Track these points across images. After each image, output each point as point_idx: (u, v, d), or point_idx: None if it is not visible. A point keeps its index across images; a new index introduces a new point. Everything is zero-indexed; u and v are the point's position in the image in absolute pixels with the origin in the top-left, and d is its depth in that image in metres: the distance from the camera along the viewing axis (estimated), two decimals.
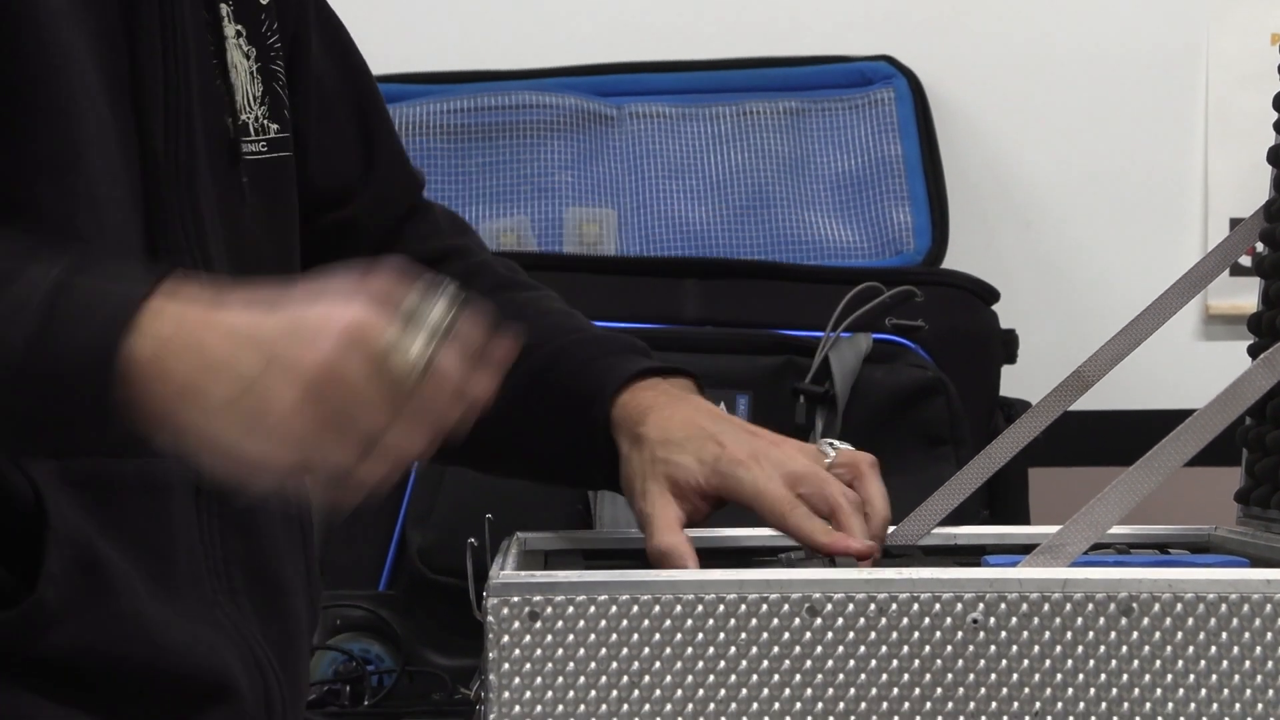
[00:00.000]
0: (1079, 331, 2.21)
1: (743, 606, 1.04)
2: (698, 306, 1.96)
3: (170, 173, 1.16)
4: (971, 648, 1.03)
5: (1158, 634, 1.03)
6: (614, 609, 1.04)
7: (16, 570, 1.09)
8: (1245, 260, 1.34)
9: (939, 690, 1.03)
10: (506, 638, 1.03)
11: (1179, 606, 1.03)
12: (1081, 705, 1.03)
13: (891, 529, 1.24)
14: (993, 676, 1.03)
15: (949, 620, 1.04)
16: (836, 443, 1.25)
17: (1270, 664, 1.03)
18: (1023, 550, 1.15)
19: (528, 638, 1.03)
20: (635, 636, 1.03)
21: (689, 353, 1.92)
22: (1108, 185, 2.30)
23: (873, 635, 1.04)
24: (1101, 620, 1.03)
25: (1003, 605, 1.03)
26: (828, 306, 1.92)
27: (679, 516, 1.19)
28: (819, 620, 1.04)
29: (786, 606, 1.04)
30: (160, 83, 1.16)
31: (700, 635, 1.04)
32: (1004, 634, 1.03)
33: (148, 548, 1.15)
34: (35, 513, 1.10)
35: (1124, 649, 1.03)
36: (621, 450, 1.23)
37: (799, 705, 1.03)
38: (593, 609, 1.03)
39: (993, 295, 2.01)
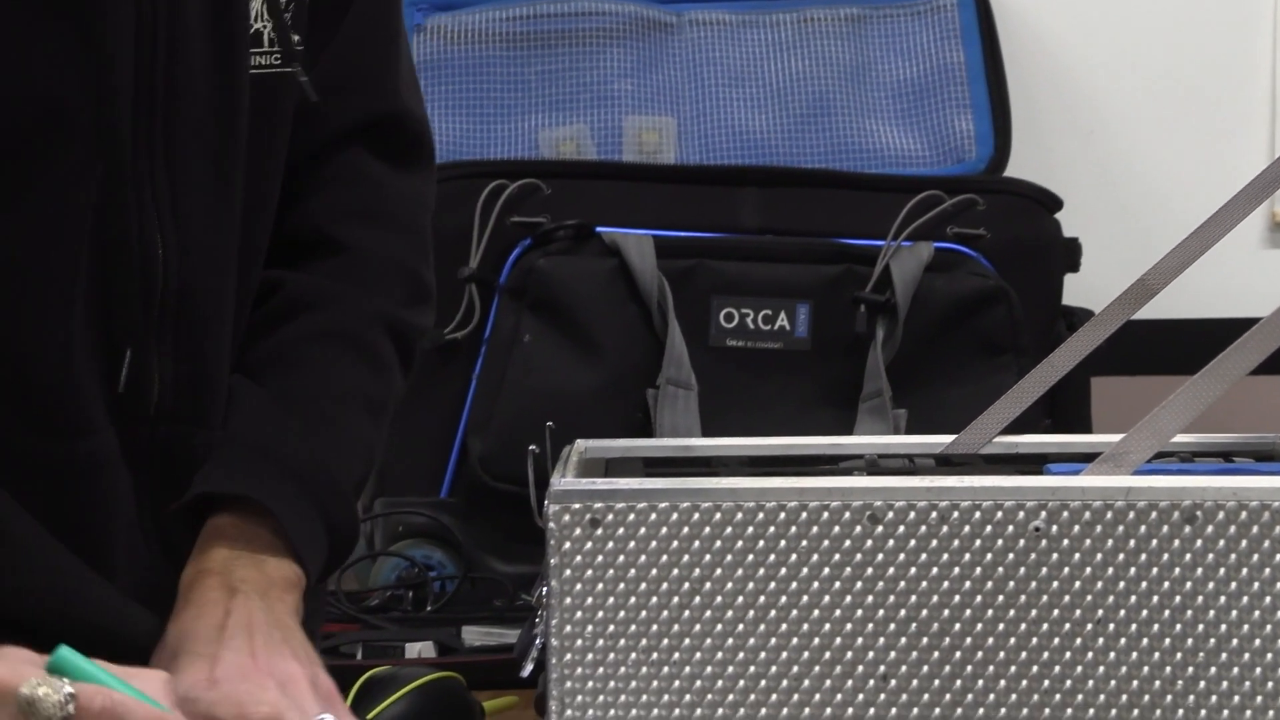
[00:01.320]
0: (1143, 239, 2.20)
1: (803, 514, 1.04)
2: (757, 215, 1.95)
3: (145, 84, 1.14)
4: (1033, 556, 1.03)
5: (1221, 542, 1.03)
6: (675, 516, 1.04)
7: None
8: None
9: (1000, 599, 1.03)
10: (568, 544, 1.04)
11: (1243, 514, 1.02)
12: (1144, 614, 1.03)
13: (951, 438, 1.24)
14: (1054, 585, 1.03)
15: (1011, 528, 1.03)
16: None
17: None
18: (1085, 459, 1.14)
19: (589, 544, 1.04)
20: (696, 544, 1.04)
21: (749, 261, 1.91)
22: (1172, 91, 2.27)
23: (934, 543, 1.03)
24: (1165, 528, 1.03)
25: (1065, 513, 1.03)
26: (888, 215, 1.91)
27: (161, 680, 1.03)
28: (880, 528, 1.04)
29: (847, 514, 1.04)
30: None
31: (761, 543, 1.04)
32: (1066, 542, 1.03)
33: (79, 522, 1.14)
34: None
35: (1187, 557, 1.03)
36: None
37: (859, 613, 1.03)
38: (654, 516, 1.04)
39: (1055, 203, 2.00)
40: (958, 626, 1.03)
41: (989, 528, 1.03)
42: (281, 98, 1.22)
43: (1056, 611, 1.03)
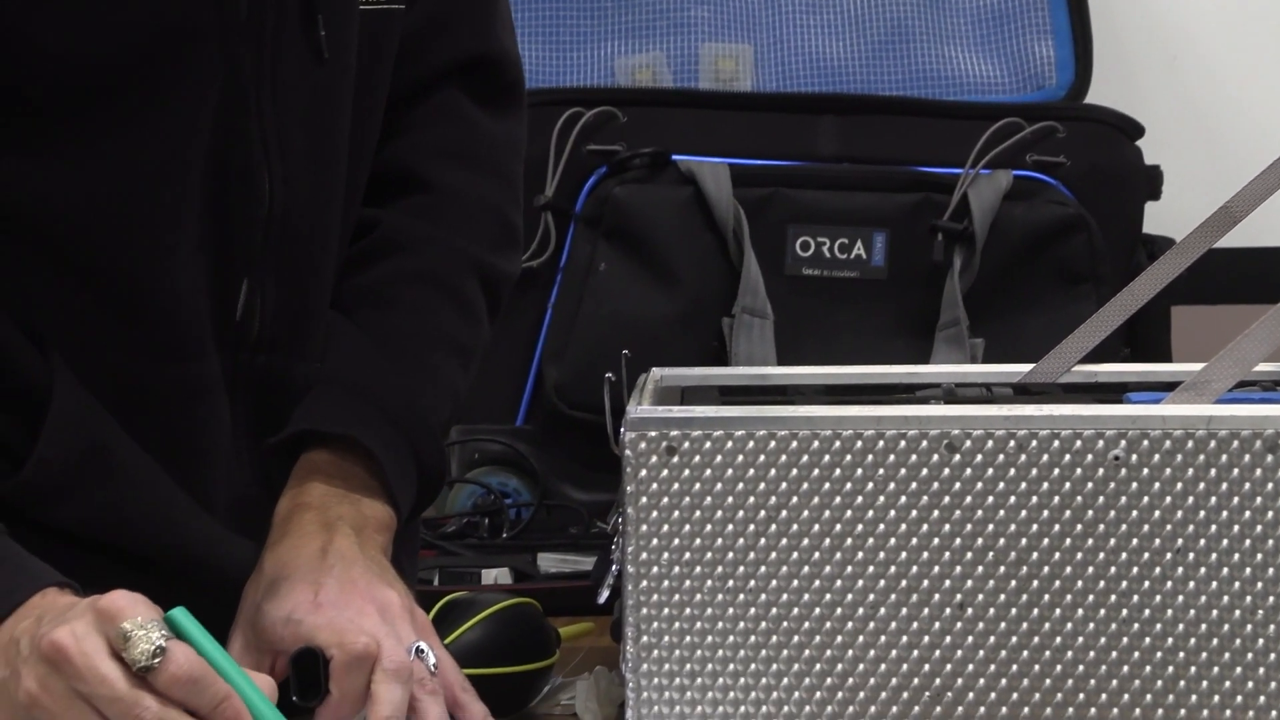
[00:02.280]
0: (1225, 167, 2.17)
1: (880, 443, 1.03)
2: (834, 143, 1.94)
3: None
4: (1112, 485, 1.03)
5: None
6: (750, 444, 1.04)
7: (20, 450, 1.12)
8: None
9: (1078, 528, 1.03)
10: (644, 472, 1.04)
11: None
12: (1224, 543, 1.02)
13: (1029, 367, 1.23)
14: (1134, 514, 1.03)
15: (1090, 457, 1.03)
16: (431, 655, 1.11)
17: None
18: (1165, 388, 1.13)
19: (665, 472, 1.04)
20: (772, 472, 1.04)
21: (825, 190, 1.90)
22: (1257, 16, 2.24)
23: (1012, 472, 1.03)
24: (1246, 457, 1.02)
25: (1145, 442, 1.02)
26: (967, 142, 1.90)
27: (270, 686, 1.02)
28: (957, 457, 1.03)
29: (925, 443, 1.03)
30: None
31: (837, 471, 1.03)
32: (1146, 471, 1.02)
33: (180, 447, 1.16)
34: (42, 400, 1.11)
35: (1269, 486, 1.02)
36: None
37: (936, 541, 1.03)
38: (729, 444, 1.04)
39: (1137, 130, 1.98)
40: (1035, 556, 1.03)
41: (1068, 457, 1.03)
42: (387, 34, 1.22)
43: (1135, 541, 1.03)
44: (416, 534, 1.38)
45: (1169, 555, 1.03)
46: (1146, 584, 1.03)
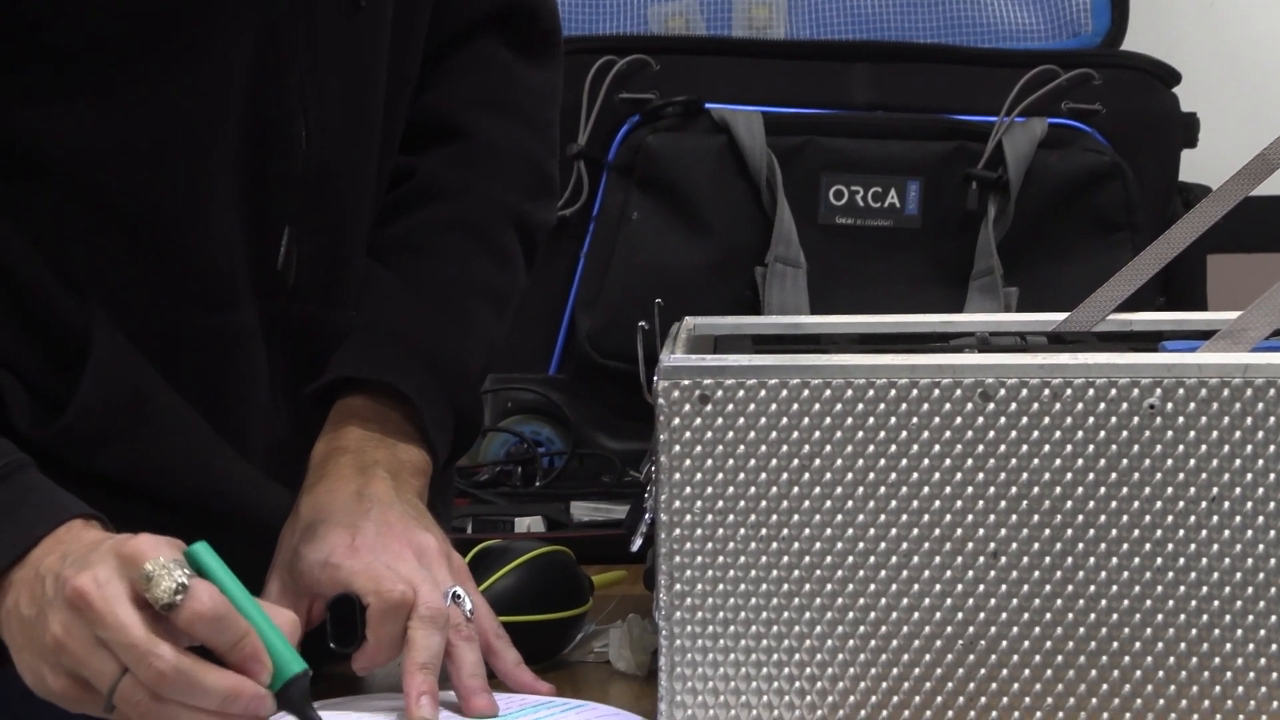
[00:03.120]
0: (1262, 114, 2.16)
1: (914, 391, 1.03)
2: (868, 91, 1.93)
3: None
4: (1148, 434, 1.02)
5: None
6: (784, 393, 1.03)
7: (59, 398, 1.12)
8: None
9: (1113, 476, 1.02)
10: (677, 420, 1.04)
11: None
12: (1260, 491, 1.02)
13: (1064, 316, 1.22)
14: (1169, 463, 1.02)
15: (1125, 406, 1.02)
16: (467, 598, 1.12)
17: None
18: (1200, 336, 1.13)
19: (698, 420, 1.04)
20: (805, 420, 1.03)
21: (858, 138, 1.89)
22: None
23: (1046, 421, 1.03)
24: None
25: (1181, 391, 1.02)
26: (1002, 90, 1.89)
27: (290, 622, 1.03)
28: (992, 405, 1.03)
29: (959, 391, 1.03)
30: None
31: (871, 420, 1.03)
32: (1181, 420, 1.02)
33: (218, 396, 1.16)
34: (81, 347, 1.12)
35: None
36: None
37: (969, 490, 1.03)
38: (763, 393, 1.03)
39: (1173, 77, 1.97)
40: (1069, 504, 1.03)
41: (1103, 405, 1.02)
42: None
43: (1170, 490, 1.02)
44: (451, 481, 1.39)
45: (1204, 504, 1.02)
46: (1181, 533, 1.02)
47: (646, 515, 1.15)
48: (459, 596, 1.10)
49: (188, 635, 0.98)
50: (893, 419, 1.03)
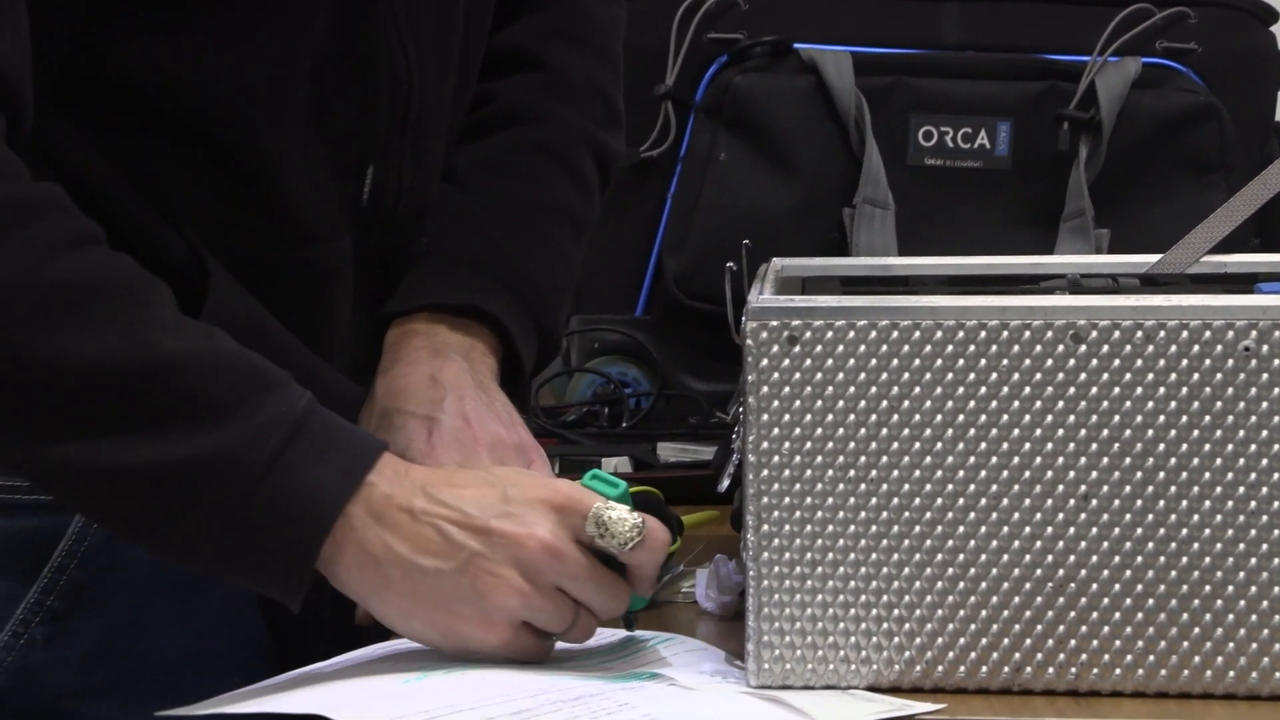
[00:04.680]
0: None
1: (1005, 333, 1.02)
2: (959, 30, 1.91)
3: None
4: (1242, 376, 1.01)
5: None
6: (873, 334, 1.03)
7: None
8: None
9: (1206, 419, 1.01)
10: (765, 361, 1.03)
11: None
12: None
13: (1157, 258, 1.21)
14: (1264, 405, 1.01)
15: (1219, 348, 1.01)
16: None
17: None
18: None
19: (786, 361, 1.03)
20: (894, 362, 1.03)
21: (948, 78, 1.88)
22: None
23: (1139, 363, 1.02)
24: None
25: (1276, 333, 1.01)
26: (1094, 29, 1.86)
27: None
28: (1083, 347, 1.02)
29: (1050, 333, 1.02)
30: None
31: (960, 362, 1.02)
32: (1276, 362, 1.01)
33: (310, 322, 1.17)
34: (197, 276, 1.13)
35: None
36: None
37: (1060, 433, 1.02)
38: (852, 334, 1.03)
39: (1271, 15, 1.94)
40: (1161, 448, 1.02)
41: (1196, 348, 1.01)
42: None
43: (1265, 433, 1.01)
44: (527, 399, 1.41)
45: None
46: (1276, 475, 1.01)
47: (734, 456, 1.15)
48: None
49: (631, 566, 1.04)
50: (982, 361, 1.02)
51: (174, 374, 1.01)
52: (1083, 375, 1.02)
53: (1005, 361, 1.02)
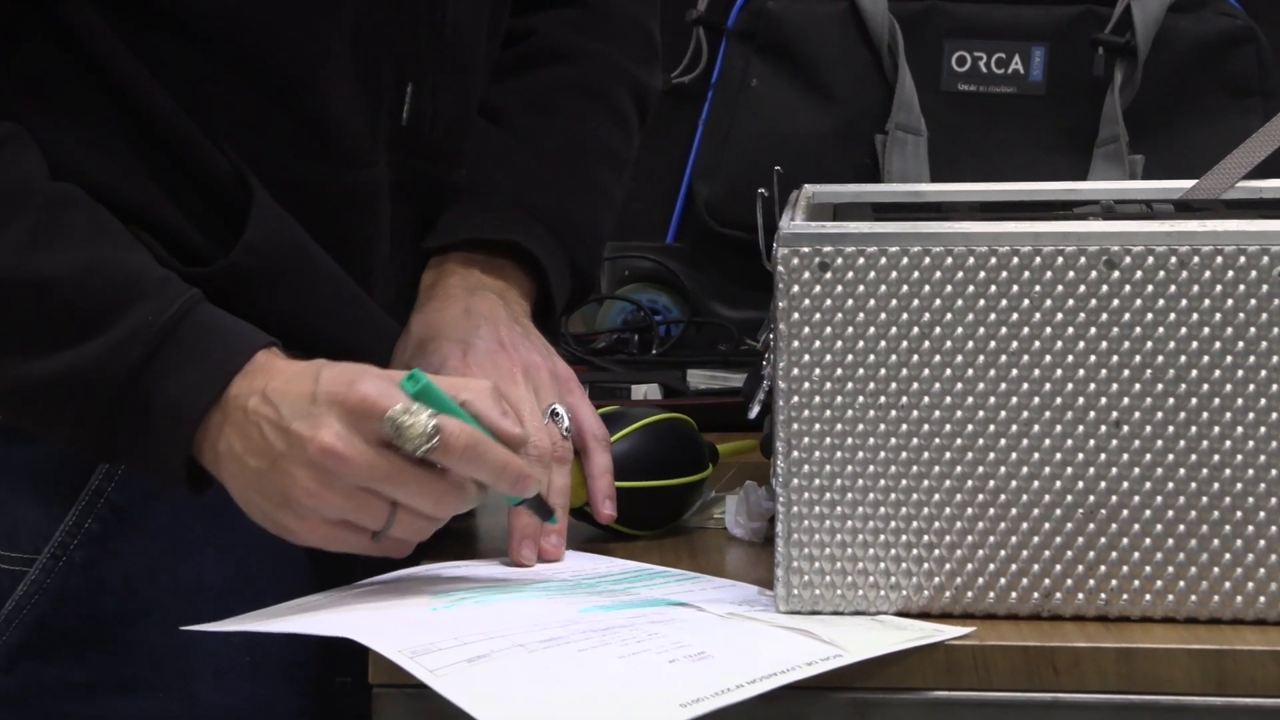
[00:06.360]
0: None
1: (1037, 259, 1.02)
2: None
3: None
4: (1277, 301, 1.00)
5: None
6: (905, 260, 1.02)
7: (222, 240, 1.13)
8: None
9: (1240, 345, 1.01)
10: (796, 288, 1.03)
11: None
12: None
13: (1192, 183, 1.20)
14: None
15: (1254, 274, 1.00)
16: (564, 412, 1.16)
17: None
18: None
19: (817, 288, 1.03)
20: (926, 288, 1.02)
21: (982, 3, 1.86)
22: None
23: (1172, 289, 1.01)
24: None
25: None
26: None
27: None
28: (1116, 273, 1.01)
29: (1083, 259, 1.01)
30: None
31: (993, 288, 1.02)
32: None
33: (349, 250, 1.17)
34: (241, 195, 1.13)
35: None
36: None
37: (1093, 359, 1.02)
38: (883, 260, 1.02)
39: None
40: (1194, 374, 1.01)
41: (1230, 273, 1.00)
42: None
43: None
44: (558, 335, 1.41)
45: None
46: None
47: (764, 383, 1.15)
48: (557, 414, 1.12)
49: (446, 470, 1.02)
50: (1015, 287, 1.02)
51: (41, 291, 1.05)
52: (1115, 301, 1.01)
53: (1038, 288, 1.02)
